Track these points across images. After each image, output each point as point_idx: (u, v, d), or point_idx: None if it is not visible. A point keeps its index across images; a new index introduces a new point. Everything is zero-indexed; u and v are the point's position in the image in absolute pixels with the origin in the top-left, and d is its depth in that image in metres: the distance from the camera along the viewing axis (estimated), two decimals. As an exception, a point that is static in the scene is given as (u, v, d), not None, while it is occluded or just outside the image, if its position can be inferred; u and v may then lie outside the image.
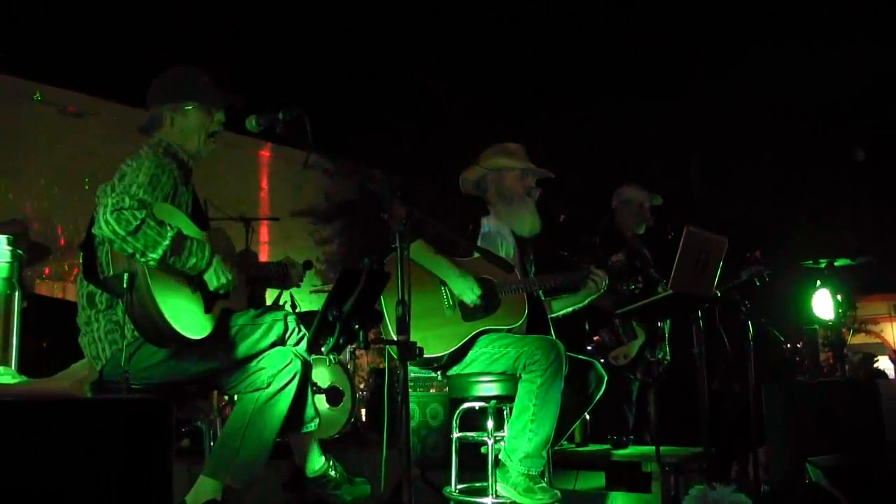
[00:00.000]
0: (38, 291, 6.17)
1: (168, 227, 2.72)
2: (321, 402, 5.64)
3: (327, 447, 3.37)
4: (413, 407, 5.16)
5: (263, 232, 7.92)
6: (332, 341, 2.52)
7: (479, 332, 3.65)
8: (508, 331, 3.71)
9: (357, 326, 2.50)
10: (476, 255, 3.74)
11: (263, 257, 5.58)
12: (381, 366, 6.96)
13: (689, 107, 6.81)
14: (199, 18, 6.44)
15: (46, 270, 6.46)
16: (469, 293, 3.63)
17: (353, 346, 2.93)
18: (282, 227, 7.83)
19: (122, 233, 2.64)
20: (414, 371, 4.83)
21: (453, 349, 3.61)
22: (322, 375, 5.66)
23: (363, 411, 6.28)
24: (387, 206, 2.70)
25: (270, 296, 5.82)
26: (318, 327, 2.51)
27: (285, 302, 5.89)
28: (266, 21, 7.00)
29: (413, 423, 5.11)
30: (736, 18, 6.46)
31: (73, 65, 6.28)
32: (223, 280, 2.92)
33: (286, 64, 7.07)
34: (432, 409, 5.77)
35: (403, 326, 2.60)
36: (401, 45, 7.18)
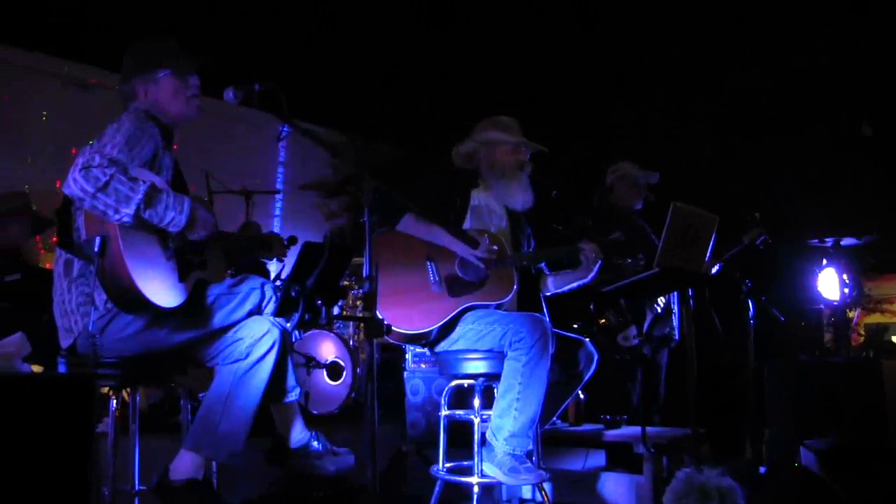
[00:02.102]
0: (44, 265, 6.18)
1: (141, 182, 2.66)
2: (322, 377, 5.62)
3: (326, 422, 3.33)
4: (419, 383, 5.14)
5: (273, 206, 7.90)
6: (296, 317, 2.48)
7: (466, 307, 3.59)
8: (497, 307, 3.65)
9: (320, 303, 2.45)
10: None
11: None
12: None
13: (694, 86, 6.69)
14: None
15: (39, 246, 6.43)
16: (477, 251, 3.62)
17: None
18: (293, 202, 7.80)
19: (91, 189, 2.57)
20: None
21: (439, 324, 3.55)
22: (327, 350, 5.64)
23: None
24: (355, 180, 2.65)
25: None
26: (280, 303, 2.47)
27: (278, 275, 5.84)
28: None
29: (419, 400, 5.09)
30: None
31: (79, 36, 6.22)
32: (204, 232, 2.87)
33: (289, 36, 6.98)
34: (438, 384, 5.74)
35: (371, 302, 2.56)
36: (404, 24, 7.07)
